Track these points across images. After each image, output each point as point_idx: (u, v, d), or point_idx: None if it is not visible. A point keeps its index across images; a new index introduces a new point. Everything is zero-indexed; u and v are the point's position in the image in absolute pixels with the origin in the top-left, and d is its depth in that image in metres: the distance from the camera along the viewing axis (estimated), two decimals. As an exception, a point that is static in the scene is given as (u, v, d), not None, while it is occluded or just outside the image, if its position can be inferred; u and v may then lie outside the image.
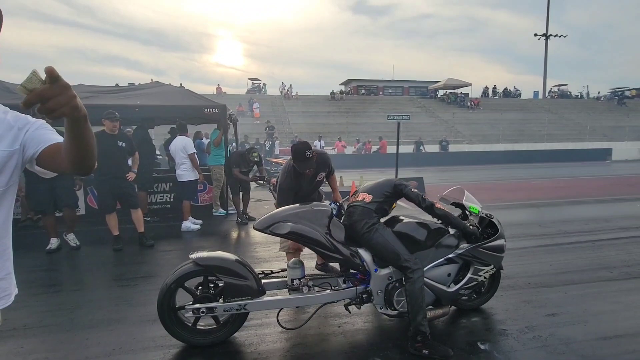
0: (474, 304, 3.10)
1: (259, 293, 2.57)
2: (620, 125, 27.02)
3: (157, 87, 7.28)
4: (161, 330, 2.81)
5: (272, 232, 2.60)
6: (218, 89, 28.30)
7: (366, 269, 2.69)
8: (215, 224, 6.39)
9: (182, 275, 2.53)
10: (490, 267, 2.84)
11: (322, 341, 2.68)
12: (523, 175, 13.93)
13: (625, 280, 3.69)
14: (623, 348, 2.51)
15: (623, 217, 6.42)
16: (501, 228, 2.93)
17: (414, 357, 2.43)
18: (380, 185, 2.82)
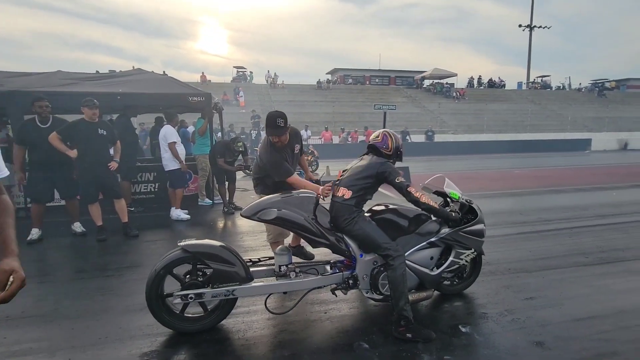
0: (457, 289, 3.19)
1: (247, 279, 2.60)
2: (600, 116, 27.75)
3: (140, 74, 7.10)
4: (148, 318, 2.81)
5: (259, 218, 2.63)
6: (202, 77, 27.77)
7: (352, 254, 2.75)
8: (201, 213, 6.35)
9: (170, 262, 2.54)
10: (471, 250, 2.94)
11: (309, 327, 2.72)
12: (506, 165, 14.22)
13: (599, 265, 3.85)
14: (595, 329, 2.64)
15: (600, 206, 6.65)
16: (480, 213, 3.02)
17: (398, 341, 2.50)
18: (361, 177, 2.72)
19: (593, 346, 2.43)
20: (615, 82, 37.41)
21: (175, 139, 5.71)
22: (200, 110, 6.67)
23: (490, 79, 35.27)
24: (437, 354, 2.37)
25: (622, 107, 30.46)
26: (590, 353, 2.35)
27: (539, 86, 36.17)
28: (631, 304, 2.98)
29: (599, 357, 2.32)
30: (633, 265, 3.81)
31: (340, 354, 2.39)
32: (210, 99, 6.43)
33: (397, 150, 2.87)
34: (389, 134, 2.87)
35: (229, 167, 6.18)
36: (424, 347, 2.44)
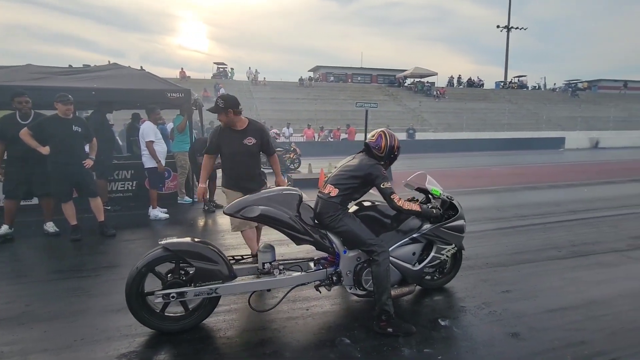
0: (438, 284, 3.25)
1: (230, 277, 2.58)
2: (573, 115, 28.77)
3: (116, 69, 6.88)
4: (126, 319, 2.76)
5: (243, 215, 2.61)
6: (182, 73, 27.22)
7: (335, 251, 2.76)
8: (180, 212, 6.24)
9: (151, 261, 2.50)
10: (452, 246, 3.00)
11: (291, 324, 2.72)
12: (484, 162, 14.57)
13: (571, 258, 4.00)
14: (567, 319, 2.74)
15: (572, 201, 6.90)
16: (461, 209, 3.08)
17: (379, 336, 2.53)
18: (350, 175, 2.73)
19: (564, 336, 2.52)
20: (587, 83, 38.84)
21: (153, 138, 5.54)
22: (179, 107, 6.54)
23: (470, 79, 36.02)
24: (417, 347, 2.41)
25: (593, 107, 31.65)
26: (561, 343, 2.44)
27: (516, 86, 37.16)
28: (600, 295, 3.11)
29: (570, 346, 2.41)
30: (602, 258, 3.97)
31: (322, 350, 2.40)
32: (190, 95, 6.31)
33: (391, 152, 2.83)
34: (385, 134, 2.82)
35: None
36: (404, 340, 2.48)
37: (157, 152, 5.59)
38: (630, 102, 33.93)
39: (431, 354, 2.34)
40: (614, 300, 3.03)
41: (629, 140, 24.22)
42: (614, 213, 5.94)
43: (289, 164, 11.90)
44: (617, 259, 3.97)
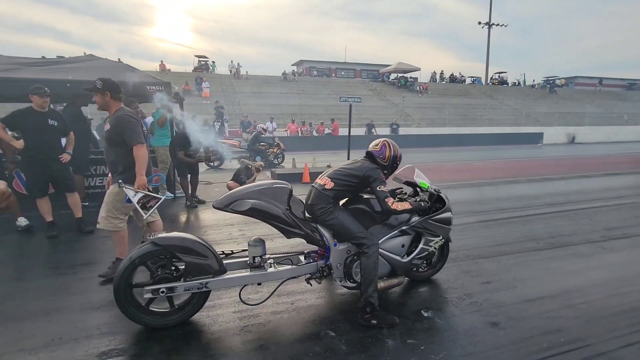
0: (426, 275, 3.31)
1: (221, 272, 2.57)
2: (551, 111, 29.55)
3: (91, 60, 6.63)
4: (106, 317, 2.71)
5: (233, 209, 2.59)
6: (162, 66, 26.54)
7: (326, 244, 2.78)
8: (162, 207, 6.09)
9: (140, 256, 2.46)
10: (440, 237, 3.05)
11: (276, 318, 2.72)
12: (466, 157, 14.81)
13: (549, 249, 4.12)
14: (545, 308, 2.83)
15: (550, 195, 7.10)
16: (448, 202, 3.14)
17: (364, 328, 2.55)
18: (349, 173, 2.76)
19: (541, 324, 2.60)
20: (565, 80, 39.96)
21: None
22: (159, 100, 6.38)
23: (452, 74, 36.49)
24: (401, 338, 2.45)
25: (570, 104, 32.58)
26: (539, 331, 2.52)
27: (497, 82, 37.88)
28: (575, 285, 3.22)
29: (547, 334, 2.48)
30: (578, 249, 4.10)
31: (307, 343, 2.41)
32: (170, 88, 6.16)
33: (394, 162, 2.90)
34: (388, 144, 2.89)
35: (189, 160, 5.98)
36: (388, 332, 2.51)
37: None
38: (604, 99, 35.08)
39: (414, 345, 2.38)
40: (589, 289, 3.14)
41: (604, 135, 25.09)
42: (589, 206, 6.14)
43: (273, 158, 11.82)
44: (591, 249, 4.11)
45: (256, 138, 11.92)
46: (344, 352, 2.31)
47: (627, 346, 2.35)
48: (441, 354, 2.29)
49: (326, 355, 2.29)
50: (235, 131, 17.46)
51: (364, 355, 2.28)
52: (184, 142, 5.93)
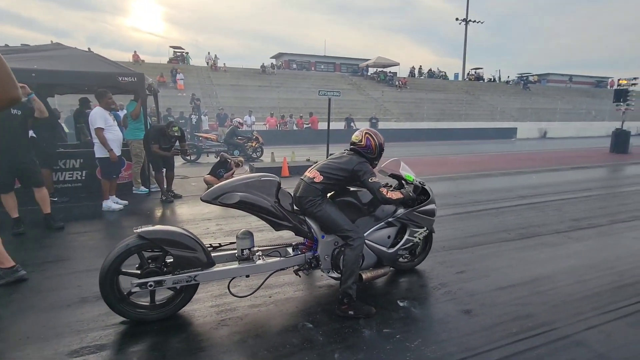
0: (410, 265, 3.40)
1: (209, 264, 2.56)
2: (525, 107, 30.46)
3: (59, 49, 6.34)
4: (76, 315, 2.63)
5: (221, 202, 2.58)
6: (135, 56, 25.61)
7: (314, 236, 2.80)
8: (136, 202, 5.96)
9: (125, 250, 2.41)
10: (424, 229, 3.13)
11: (253, 312, 2.70)
12: (443, 151, 15.10)
13: (520, 240, 4.26)
14: (515, 295, 2.93)
15: (522, 187, 7.34)
16: (432, 194, 3.22)
17: (341, 319, 2.58)
18: (337, 167, 2.77)
19: (512, 310, 2.70)
20: (538, 76, 41.19)
21: (102, 124, 5.14)
22: (132, 92, 6.19)
23: (430, 69, 36.99)
24: (377, 328, 2.48)
25: (542, 100, 33.65)
26: (509, 317, 2.61)
27: (473, 78, 38.68)
28: (544, 272, 3.35)
29: (517, 319, 2.58)
30: (547, 239, 4.27)
31: (285, 335, 2.41)
32: (144, 79, 5.98)
33: (381, 150, 2.92)
34: (371, 135, 2.88)
35: (164, 153, 5.83)
36: (365, 322, 2.54)
37: (110, 140, 5.25)
38: (574, 95, 36.44)
39: (390, 334, 2.42)
40: (556, 276, 3.28)
41: (573, 130, 26.11)
42: (558, 198, 6.39)
43: (251, 152, 11.69)
44: (559, 239, 4.28)
45: (233, 132, 11.76)
46: (322, 343, 2.33)
47: (589, 329, 2.47)
48: (416, 341, 2.34)
49: (303, 346, 2.30)
50: (212, 124, 17.14)
51: (341, 346, 2.30)
52: (159, 134, 5.78)
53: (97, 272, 3.27)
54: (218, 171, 7.16)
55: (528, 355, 2.20)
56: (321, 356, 2.21)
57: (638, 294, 2.95)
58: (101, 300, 2.82)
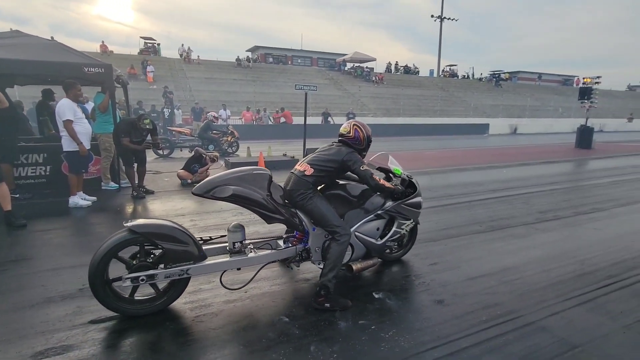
0: (397, 256, 3.50)
1: (201, 258, 2.56)
2: (496, 103, 31.41)
3: (18, 37, 5.96)
4: (41, 315, 2.53)
5: (213, 196, 2.57)
6: (103, 47, 24.51)
7: (305, 228, 2.83)
8: (105, 198, 5.75)
9: (116, 245, 2.38)
10: (411, 221, 3.22)
11: (229, 307, 2.67)
12: (419, 146, 15.37)
13: (490, 232, 4.41)
14: (485, 285, 3.04)
15: (493, 181, 7.58)
16: (419, 187, 3.31)
17: (317, 312, 2.59)
18: (327, 159, 2.80)
19: (482, 299, 2.79)
20: (509, 74, 42.50)
21: (71, 117, 4.93)
22: (100, 84, 5.93)
23: (406, 65, 37.47)
24: (353, 320, 2.51)
25: (513, 97, 34.81)
26: (479, 305, 2.70)
27: (448, 74, 39.49)
28: (512, 262, 3.49)
29: (486, 308, 2.67)
30: (515, 231, 4.43)
31: (261, 330, 2.40)
32: (111, 70, 5.73)
33: (369, 141, 2.97)
34: (359, 127, 2.92)
35: (135, 147, 5.64)
36: (340, 315, 2.57)
37: (79, 133, 5.02)
38: (543, 93, 37.88)
39: (365, 325, 2.45)
40: (523, 266, 3.41)
41: (542, 126, 27.14)
42: (526, 191, 6.64)
43: (227, 147, 11.50)
44: (526, 230, 4.46)
45: (208, 126, 11.52)
46: (298, 337, 2.33)
47: (553, 315, 2.60)
48: (391, 331, 2.38)
49: (280, 340, 2.30)
50: (186, 118, 16.72)
51: (317, 338, 2.31)
52: (129, 128, 5.59)
53: (64, 270, 3.22)
54: (192, 166, 7.01)
55: (496, 341, 2.29)
56: (297, 349, 2.21)
57: (597, 281, 3.12)
58: (67, 299, 2.74)
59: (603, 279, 3.16)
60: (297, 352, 2.19)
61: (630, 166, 10.01)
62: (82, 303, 2.69)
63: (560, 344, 2.27)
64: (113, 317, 2.51)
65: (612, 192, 6.66)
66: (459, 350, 2.20)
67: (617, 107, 36.19)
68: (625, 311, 2.66)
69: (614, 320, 2.54)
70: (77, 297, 2.79)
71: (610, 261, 3.54)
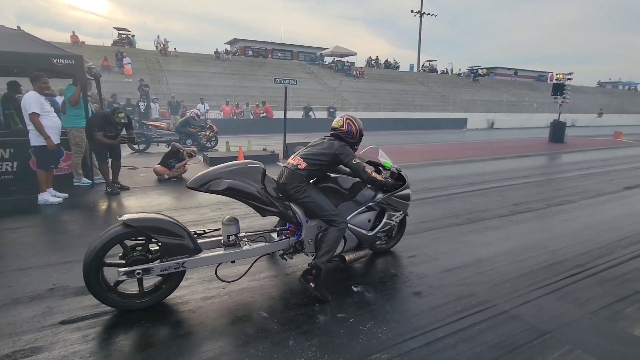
0: (386, 247, 3.58)
1: (196, 251, 2.58)
2: (474, 98, 32.01)
3: (-17, 26, 5.70)
4: (7, 317, 2.43)
5: (208, 189, 2.59)
6: (74, 37, 23.52)
7: (298, 221, 2.87)
8: (77, 195, 5.55)
9: (111, 239, 2.37)
10: (400, 212, 3.31)
11: (206, 304, 2.64)
12: (399, 140, 15.52)
13: (467, 224, 4.51)
14: (460, 276, 3.11)
15: (470, 175, 7.75)
16: (408, 180, 3.38)
17: (296, 307, 2.60)
18: (320, 153, 2.87)
19: (457, 291, 2.86)
20: (487, 70, 43.40)
21: (37, 109, 4.72)
22: (70, 76, 5.70)
23: (387, 60, 37.69)
24: (332, 313, 2.53)
25: (490, 92, 35.56)
26: (454, 296, 2.77)
27: (427, 69, 39.96)
28: (487, 254, 3.58)
29: (461, 299, 2.74)
30: (490, 223, 4.55)
31: (239, 325, 2.38)
32: (82, 62, 5.52)
33: (361, 135, 3.07)
34: (351, 121, 3.01)
35: (109, 141, 5.46)
36: (319, 308, 2.58)
37: (47, 127, 4.82)
38: (519, 88, 38.87)
39: (344, 318, 2.47)
40: (497, 257, 3.51)
41: (518, 121, 27.89)
42: (501, 184, 6.82)
43: (205, 142, 11.29)
44: (501, 223, 4.58)
45: (187, 121, 11.29)
46: (276, 331, 2.33)
47: (525, 303, 2.69)
48: (369, 324, 2.41)
49: (258, 335, 2.29)
50: (163, 112, 16.31)
51: (295, 332, 2.32)
52: (103, 121, 5.40)
53: (33, 270, 3.10)
54: (169, 161, 6.86)
55: (470, 330, 2.35)
56: (276, 344, 2.21)
57: (566, 270, 3.25)
58: (36, 300, 2.65)
59: (571, 268, 3.29)
60: (276, 347, 2.18)
61: (599, 159, 10.42)
62: (52, 303, 2.61)
63: (531, 331, 2.36)
64: (85, 316, 2.45)
65: (582, 184, 6.92)
66: (435, 340, 2.25)
67: (588, 103, 37.55)
68: (591, 298, 2.78)
69: (581, 307, 2.65)
70: (47, 297, 2.69)
71: (579, 251, 3.69)
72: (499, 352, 2.16)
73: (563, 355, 2.15)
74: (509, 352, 2.16)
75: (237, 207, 5.02)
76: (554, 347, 2.22)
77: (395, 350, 2.16)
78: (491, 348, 2.19)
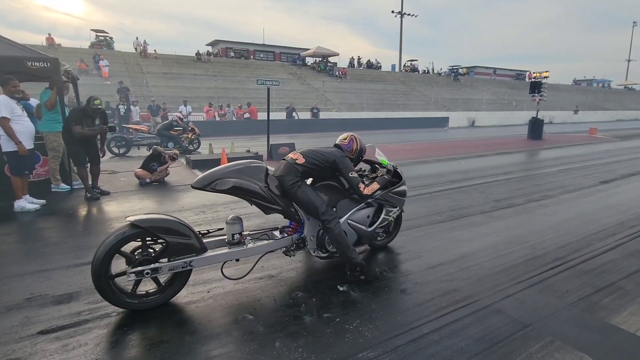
0: (384, 243, 3.67)
1: (202, 250, 2.64)
2: (455, 97, 32.59)
3: (-48, 28, 5.48)
4: (-20, 329, 2.33)
5: (214, 188, 2.64)
6: (49, 39, 22.90)
7: (301, 218, 2.96)
8: (56, 201, 5.39)
9: (120, 240, 2.40)
10: (397, 208, 3.41)
11: (191, 308, 2.60)
12: (382, 139, 15.65)
13: (450, 221, 4.58)
14: (444, 272, 3.16)
15: (452, 172, 7.87)
16: (403, 176, 3.47)
17: (282, 308, 2.59)
18: (320, 155, 2.98)
19: (441, 287, 2.90)
20: (467, 69, 44.23)
21: (7, 114, 4.55)
22: (46, 79, 5.54)
23: (369, 60, 37.97)
24: (318, 313, 2.53)
25: (470, 91, 36.27)
26: (439, 292, 2.80)
27: (409, 69, 40.43)
28: (470, 250, 3.64)
29: (445, 294, 2.78)
30: (472, 219, 4.64)
31: (224, 328, 2.36)
32: (58, 64, 5.37)
33: (360, 155, 3.28)
34: (355, 139, 3.24)
35: (90, 133, 5.28)
36: (305, 309, 2.58)
37: (18, 132, 4.66)
38: (498, 87, 39.77)
39: (330, 318, 2.47)
40: (480, 252, 3.58)
41: (497, 119, 28.51)
42: (483, 181, 6.96)
43: (187, 144, 11.13)
44: (483, 219, 4.67)
45: (170, 124, 11.11)
46: (263, 333, 2.31)
47: (507, 297, 2.74)
48: (355, 322, 2.42)
49: (244, 338, 2.27)
50: (144, 115, 16.01)
51: (282, 334, 2.31)
52: (80, 115, 5.24)
53: (9, 279, 3.00)
54: (151, 165, 6.73)
55: (455, 325, 2.39)
56: (262, 346, 2.19)
57: (546, 263, 3.34)
58: (13, 310, 2.56)
59: (551, 261, 3.38)
60: (262, 349, 2.17)
61: (576, 155, 10.75)
62: (30, 313, 2.52)
63: (513, 324, 2.41)
64: (64, 326, 2.38)
65: (560, 179, 7.13)
66: (420, 337, 2.28)
67: (565, 100, 38.72)
68: (570, 290, 2.86)
69: (561, 299, 2.73)
70: (25, 307, 2.61)
71: (558, 244, 3.79)
72: (483, 346, 2.20)
73: (544, 347, 2.21)
74: (492, 346, 2.21)
75: (220, 210, 4.97)
76: (535, 339, 2.27)
77: (381, 348, 2.18)
78: (475, 342, 2.23)
